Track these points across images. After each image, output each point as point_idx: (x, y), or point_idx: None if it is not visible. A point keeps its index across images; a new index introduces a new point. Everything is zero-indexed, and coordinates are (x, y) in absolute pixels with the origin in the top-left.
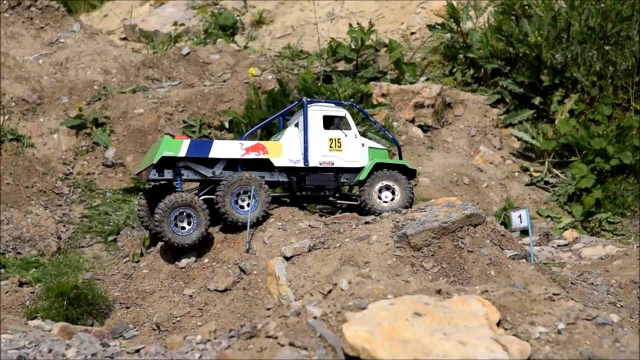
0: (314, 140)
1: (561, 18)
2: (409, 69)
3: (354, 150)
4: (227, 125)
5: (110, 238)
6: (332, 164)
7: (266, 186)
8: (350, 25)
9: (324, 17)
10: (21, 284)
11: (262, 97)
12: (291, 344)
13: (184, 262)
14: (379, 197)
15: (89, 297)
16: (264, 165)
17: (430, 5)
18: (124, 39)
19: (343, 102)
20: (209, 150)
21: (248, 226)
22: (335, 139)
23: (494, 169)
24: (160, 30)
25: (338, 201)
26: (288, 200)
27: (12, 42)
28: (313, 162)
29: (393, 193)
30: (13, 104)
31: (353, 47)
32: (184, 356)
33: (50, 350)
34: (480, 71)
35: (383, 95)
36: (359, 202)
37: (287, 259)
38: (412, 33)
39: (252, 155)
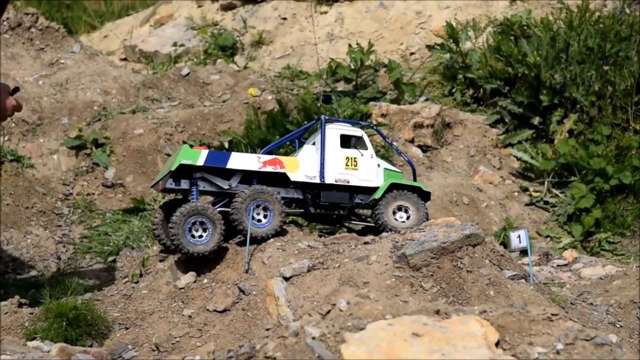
0: (330, 158)
1: (560, 38)
2: (408, 89)
3: (369, 170)
4: (226, 145)
5: (110, 258)
6: (348, 182)
7: (284, 212)
8: (350, 45)
9: (324, 38)
10: (20, 305)
11: (262, 118)
12: None
13: (183, 282)
14: (394, 217)
15: (88, 318)
16: (280, 181)
17: (429, 26)
18: (124, 59)
19: (361, 122)
20: (227, 160)
21: (247, 247)
22: (351, 158)
23: (493, 189)
24: (160, 50)
25: (353, 222)
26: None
27: (12, 63)
28: (329, 179)
29: (408, 218)
30: (13, 124)
31: (352, 67)
32: None
33: None
34: (479, 91)
35: (382, 116)
36: (374, 222)
37: (286, 279)
38: (412, 53)
39: (269, 168)
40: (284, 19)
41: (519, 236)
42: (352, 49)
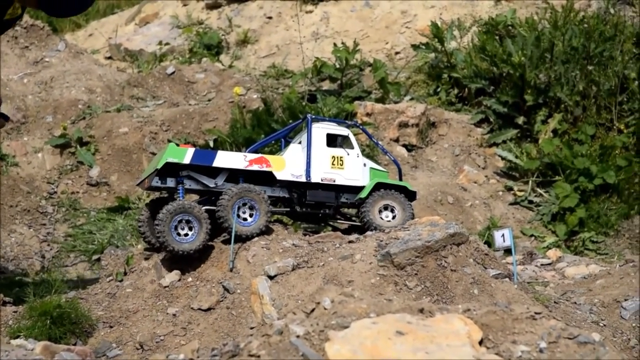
0: (316, 157)
1: (545, 38)
2: (393, 89)
3: (355, 169)
4: (211, 144)
5: (94, 257)
6: (334, 181)
7: (270, 211)
8: (335, 44)
9: (309, 37)
10: (4, 303)
11: (247, 116)
12: None
13: (167, 280)
14: (380, 216)
15: (72, 316)
16: (266, 179)
17: (414, 25)
18: (109, 58)
19: (347, 121)
20: (213, 159)
21: (232, 246)
22: (337, 157)
23: (478, 188)
24: (145, 49)
25: (338, 221)
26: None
27: None
28: (315, 178)
29: (394, 217)
30: None
31: (337, 66)
32: None
33: None
34: (464, 91)
35: (367, 115)
36: (360, 220)
37: (271, 277)
38: (397, 52)
39: (255, 167)
40: (269, 18)
41: (503, 235)
42: (338, 48)
